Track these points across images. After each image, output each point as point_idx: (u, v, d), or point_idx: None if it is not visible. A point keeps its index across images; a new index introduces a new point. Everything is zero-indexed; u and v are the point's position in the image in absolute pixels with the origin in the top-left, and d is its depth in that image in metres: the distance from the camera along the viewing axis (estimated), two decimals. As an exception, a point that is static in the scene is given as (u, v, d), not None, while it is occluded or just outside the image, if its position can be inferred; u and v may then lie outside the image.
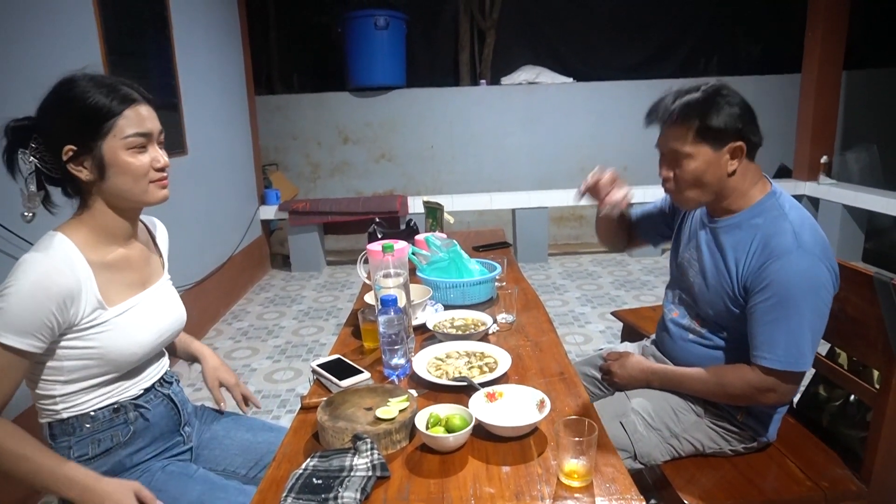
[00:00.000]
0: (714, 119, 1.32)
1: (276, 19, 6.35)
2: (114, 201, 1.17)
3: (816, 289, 1.27)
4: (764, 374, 1.30)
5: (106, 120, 1.10)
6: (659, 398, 1.50)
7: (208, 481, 1.24)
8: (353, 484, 1.01)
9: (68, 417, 1.18)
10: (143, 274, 1.27)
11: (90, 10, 2.75)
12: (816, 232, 1.31)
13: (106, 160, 1.12)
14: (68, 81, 1.12)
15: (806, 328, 1.27)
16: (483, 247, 2.70)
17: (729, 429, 1.45)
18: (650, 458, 1.44)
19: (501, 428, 1.14)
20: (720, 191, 1.39)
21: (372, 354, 1.59)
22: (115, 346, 1.17)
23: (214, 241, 4.15)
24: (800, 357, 1.27)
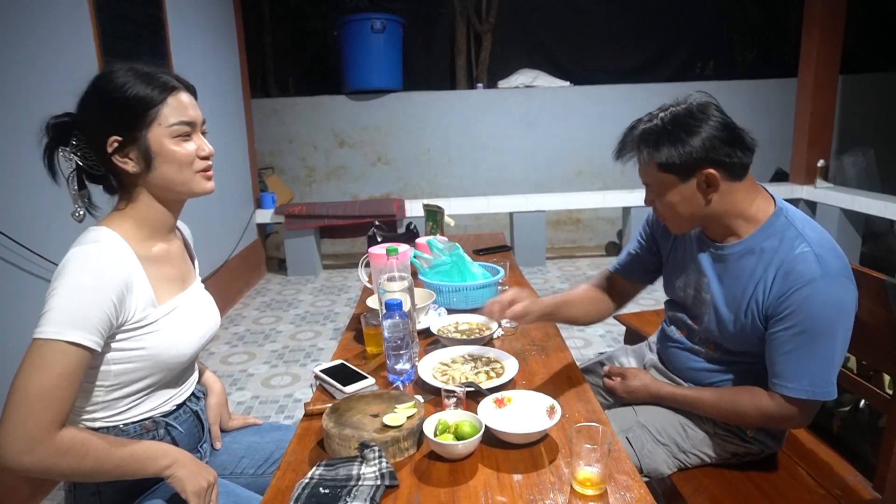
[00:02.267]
0: (669, 152, 1.23)
1: (271, 22, 6.32)
2: (160, 193, 1.14)
3: (844, 314, 1.19)
4: (786, 403, 1.23)
5: (149, 108, 1.08)
6: (666, 413, 1.44)
7: (231, 493, 1.20)
8: (361, 493, 0.98)
9: (99, 428, 1.11)
10: (182, 271, 1.24)
11: (86, 13, 2.72)
12: (837, 252, 1.22)
13: (152, 149, 1.09)
14: (107, 74, 1.10)
15: (835, 357, 1.20)
16: (484, 250, 2.68)
17: (738, 444, 1.42)
18: (657, 472, 1.40)
19: (512, 435, 1.12)
20: (711, 216, 1.30)
21: (375, 359, 1.56)
22: (163, 347, 1.12)
23: (210, 244, 4.11)
24: (826, 386, 1.20)
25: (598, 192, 5.46)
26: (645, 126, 1.28)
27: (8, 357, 2.01)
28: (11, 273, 2.12)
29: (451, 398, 1.23)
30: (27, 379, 0.95)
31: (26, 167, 2.17)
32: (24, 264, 2.17)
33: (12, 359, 1.21)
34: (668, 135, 1.23)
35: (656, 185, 1.30)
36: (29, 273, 2.18)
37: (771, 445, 1.42)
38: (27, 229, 2.17)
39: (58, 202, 2.17)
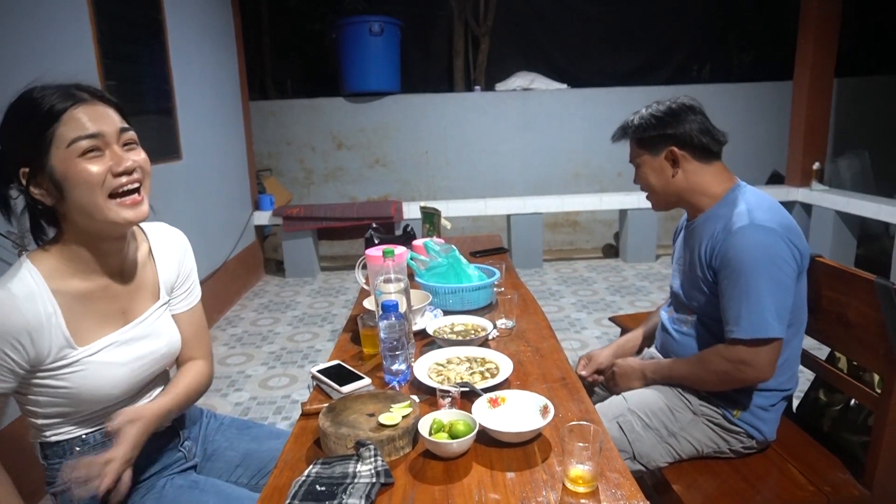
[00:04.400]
0: (646, 131, 1.53)
1: (270, 25, 6.35)
2: (85, 223, 1.04)
3: (772, 259, 1.34)
4: (735, 348, 1.36)
5: (45, 130, 0.96)
6: (655, 398, 1.52)
7: (221, 493, 1.21)
8: (357, 491, 0.99)
9: (58, 441, 1.12)
10: (124, 304, 1.15)
11: (85, 15, 2.74)
12: (774, 211, 1.42)
13: (56, 174, 0.98)
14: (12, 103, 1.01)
15: (765, 297, 1.33)
16: (480, 252, 2.69)
17: (726, 427, 1.47)
18: (649, 458, 1.45)
19: (506, 434, 1.13)
20: (679, 191, 1.55)
21: (372, 360, 1.58)
22: (87, 386, 1.08)
23: (208, 246, 4.12)
24: (762, 325, 1.33)
25: (594, 195, 5.49)
26: (638, 114, 1.58)
27: None
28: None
29: (446, 398, 1.25)
30: None
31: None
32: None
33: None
34: (647, 119, 1.54)
35: (637, 160, 1.59)
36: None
37: (757, 431, 1.46)
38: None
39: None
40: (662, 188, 1.57)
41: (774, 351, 1.35)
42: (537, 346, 1.64)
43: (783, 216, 1.42)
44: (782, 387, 1.47)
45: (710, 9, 6.44)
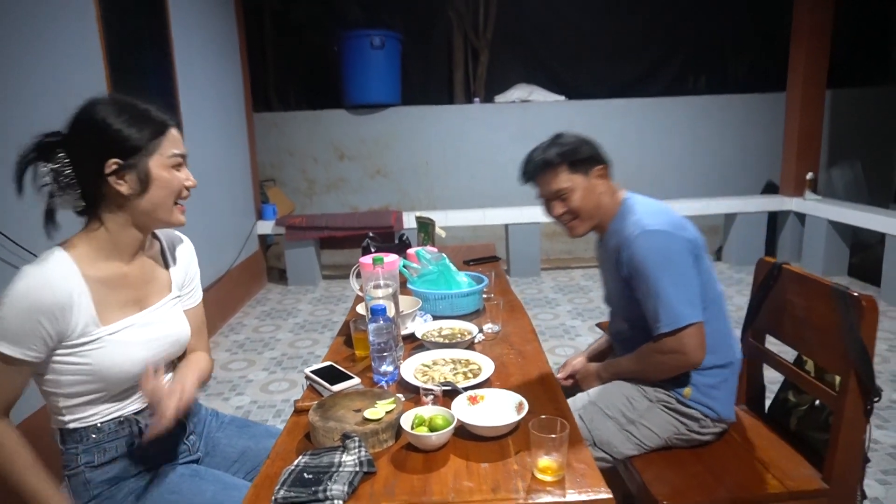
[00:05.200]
0: (576, 156, 1.63)
1: (273, 38, 6.48)
2: (140, 217, 1.23)
3: (668, 257, 1.49)
4: (661, 341, 1.50)
5: (153, 139, 1.19)
6: (613, 389, 1.65)
7: (220, 481, 1.30)
8: (341, 478, 1.08)
9: (76, 428, 1.23)
10: (141, 293, 1.30)
11: (95, 31, 2.86)
12: (660, 214, 1.56)
13: (151, 174, 1.20)
14: (105, 103, 1.19)
15: (672, 292, 1.47)
16: (474, 260, 2.78)
17: (681, 410, 1.58)
18: (610, 445, 1.57)
19: (481, 428, 1.22)
20: (597, 209, 1.65)
21: (363, 362, 1.66)
22: (107, 363, 1.20)
23: (212, 255, 4.22)
24: (676, 316, 1.47)
25: (592, 204, 5.56)
26: (546, 151, 1.66)
27: None
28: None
29: (428, 396, 1.34)
30: None
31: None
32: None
33: None
34: (570, 144, 1.64)
35: (567, 186, 1.64)
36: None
37: (711, 410, 1.56)
38: (38, 240, 2.29)
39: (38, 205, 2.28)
40: (593, 208, 1.65)
41: (697, 334, 1.48)
42: (521, 349, 1.72)
43: (669, 215, 1.57)
44: (721, 362, 1.58)
45: (705, 21, 6.55)
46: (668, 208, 1.61)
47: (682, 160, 6.23)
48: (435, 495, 1.07)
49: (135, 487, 1.26)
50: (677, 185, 6.16)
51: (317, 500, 1.04)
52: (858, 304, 1.33)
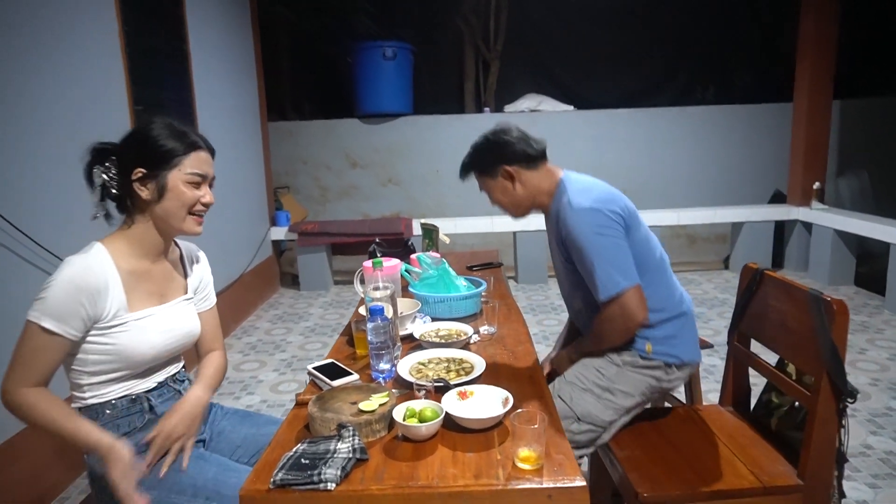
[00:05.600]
0: (479, 164, 1.85)
1: (288, 50, 6.65)
2: (158, 222, 1.39)
3: (596, 230, 1.62)
4: (606, 309, 1.64)
5: (175, 156, 1.36)
6: (583, 364, 1.78)
7: (222, 464, 1.42)
8: (335, 463, 1.17)
9: (93, 404, 1.37)
10: (162, 288, 1.47)
11: (117, 47, 3.00)
12: (588, 191, 1.70)
13: (168, 186, 1.36)
14: (151, 123, 1.38)
15: (604, 262, 1.61)
16: (476, 266, 2.87)
17: (647, 365, 1.72)
18: (592, 416, 1.68)
19: (467, 420, 1.30)
20: (527, 198, 1.81)
21: (363, 360, 1.75)
22: (130, 345, 1.36)
23: (227, 259, 4.35)
24: (611, 283, 1.60)
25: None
26: (467, 156, 1.90)
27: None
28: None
29: (421, 391, 1.43)
30: (17, 345, 1.27)
31: (55, 180, 2.43)
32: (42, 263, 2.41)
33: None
34: (475, 156, 1.87)
35: (486, 188, 1.88)
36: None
37: (677, 356, 1.72)
38: (48, 233, 2.42)
39: (74, 213, 2.42)
40: (510, 201, 1.84)
41: (636, 296, 1.61)
42: (513, 349, 1.81)
43: (598, 191, 1.71)
44: (671, 315, 1.73)
45: (713, 32, 6.61)
46: (598, 183, 1.77)
47: (689, 170, 6.28)
48: (421, 480, 1.15)
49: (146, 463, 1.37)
50: (685, 194, 6.21)
51: (312, 482, 1.13)
52: (830, 308, 1.40)
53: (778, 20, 6.14)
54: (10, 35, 2.26)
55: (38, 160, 2.39)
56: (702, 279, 5.44)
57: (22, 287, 2.26)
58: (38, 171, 2.39)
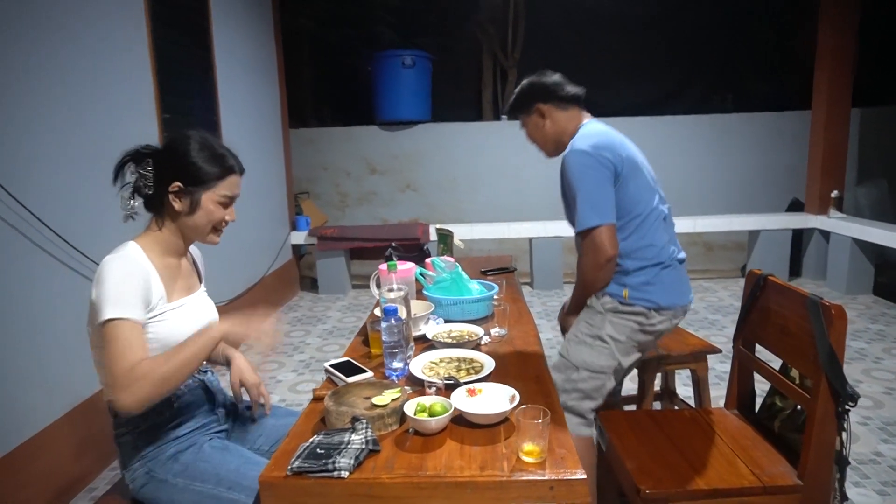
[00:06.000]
0: (518, 102, 2.06)
1: (310, 59, 6.80)
2: (184, 230, 1.50)
3: (583, 171, 1.82)
4: (582, 242, 1.84)
5: (213, 179, 1.46)
6: (577, 321, 1.99)
7: (244, 456, 1.50)
8: (349, 453, 1.24)
9: None
10: (188, 282, 1.58)
11: (147, 58, 3.13)
12: (592, 137, 1.87)
13: (200, 203, 1.47)
14: (197, 138, 1.47)
15: (584, 199, 1.80)
16: (489, 271, 2.93)
17: (628, 311, 1.89)
18: (588, 364, 1.90)
19: (474, 415, 1.37)
20: (554, 137, 2.02)
21: (377, 359, 1.82)
22: (167, 335, 1.42)
23: (247, 263, 4.47)
24: (585, 218, 1.79)
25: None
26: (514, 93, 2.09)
27: (55, 333, 2.36)
28: (73, 277, 2.48)
29: (431, 388, 1.50)
30: (108, 349, 1.31)
31: (88, 184, 2.55)
32: (87, 272, 2.53)
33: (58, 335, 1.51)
34: (518, 93, 2.06)
35: (523, 125, 2.10)
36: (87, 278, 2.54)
37: (653, 300, 1.87)
38: (82, 236, 2.54)
39: (106, 216, 2.53)
40: (541, 137, 2.05)
41: (606, 233, 1.79)
42: (522, 350, 1.87)
43: (599, 139, 1.86)
44: (649, 263, 1.88)
45: (730, 40, 6.62)
46: (607, 133, 1.91)
47: (706, 177, 6.29)
48: (429, 471, 1.22)
49: (173, 452, 1.46)
50: (701, 201, 6.21)
51: (326, 470, 1.20)
52: (828, 313, 1.44)
53: (796, 28, 6.13)
54: (51, 50, 2.39)
55: (74, 166, 2.52)
56: (717, 287, 5.43)
57: (55, 283, 2.38)
58: (74, 176, 2.51)
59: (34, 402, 2.28)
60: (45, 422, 2.31)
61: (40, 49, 2.36)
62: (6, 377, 2.14)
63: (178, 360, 1.35)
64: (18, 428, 2.20)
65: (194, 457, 1.46)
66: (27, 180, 2.26)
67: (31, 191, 2.26)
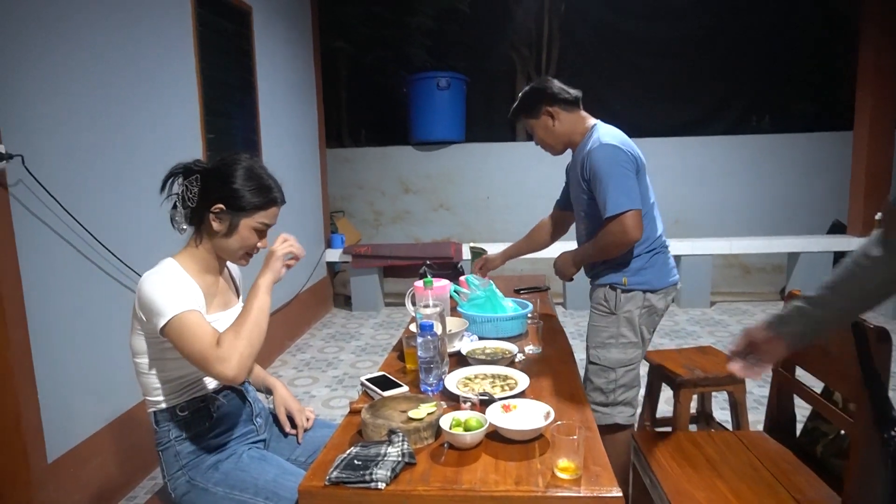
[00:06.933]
0: (526, 107, 2.18)
1: (347, 80, 6.96)
2: (217, 250, 1.56)
3: (615, 160, 1.98)
4: (610, 223, 1.98)
5: (256, 208, 1.52)
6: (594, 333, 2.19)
7: (281, 466, 1.53)
8: (385, 465, 1.26)
9: (167, 407, 1.50)
10: (224, 298, 1.63)
11: (194, 81, 3.26)
12: (614, 135, 2.05)
13: (239, 228, 1.52)
14: (238, 163, 1.53)
15: (615, 186, 1.95)
16: (523, 289, 2.93)
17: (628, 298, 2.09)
18: (620, 360, 2.10)
19: (509, 431, 1.38)
20: (564, 137, 2.17)
21: (412, 374, 1.85)
22: None
23: (284, 279, 4.52)
24: (618, 203, 1.95)
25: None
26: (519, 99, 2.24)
27: (105, 342, 2.45)
28: (123, 293, 2.58)
29: (466, 403, 1.51)
30: (184, 347, 1.37)
31: (141, 203, 2.65)
32: (122, 279, 2.63)
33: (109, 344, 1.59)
34: (524, 99, 2.21)
35: (531, 127, 2.22)
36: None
37: (648, 283, 2.09)
38: (139, 260, 2.63)
39: (155, 233, 2.63)
40: (551, 137, 2.18)
41: (635, 216, 1.95)
42: (557, 368, 1.87)
43: (623, 138, 2.07)
44: (647, 249, 2.09)
45: (768, 61, 6.55)
46: (624, 136, 2.10)
47: (743, 199, 6.19)
48: (465, 484, 1.23)
49: (213, 461, 1.51)
50: (738, 223, 6.11)
51: (363, 481, 1.22)
52: (872, 335, 1.42)
53: (834, 48, 6.04)
54: (111, 77, 2.51)
55: (126, 184, 2.63)
56: (755, 310, 5.32)
57: (103, 296, 2.47)
58: (126, 195, 2.62)
59: (82, 410, 2.36)
60: (91, 430, 2.39)
61: (107, 82, 2.50)
62: (59, 385, 2.23)
63: (251, 320, 1.42)
64: (67, 435, 2.28)
65: (233, 465, 1.49)
66: (84, 199, 2.37)
67: (86, 210, 2.37)
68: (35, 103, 2.14)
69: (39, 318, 2.13)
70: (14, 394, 2.02)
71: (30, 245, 2.11)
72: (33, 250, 2.13)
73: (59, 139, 2.25)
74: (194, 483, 1.48)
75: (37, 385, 2.12)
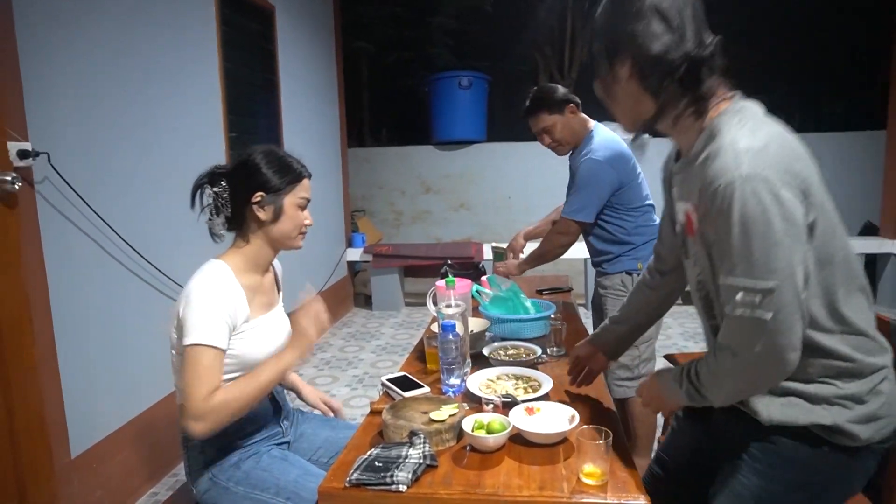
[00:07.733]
0: (550, 103, 2.28)
1: (368, 80, 6.96)
2: (272, 240, 1.54)
3: (590, 178, 2.23)
4: (559, 223, 2.34)
5: (294, 182, 1.54)
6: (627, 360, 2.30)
7: (303, 467, 1.52)
8: (406, 467, 1.24)
9: None
10: (270, 298, 1.63)
11: (217, 80, 3.28)
12: (608, 149, 2.22)
13: (284, 208, 1.52)
14: (255, 153, 1.53)
15: (581, 195, 2.25)
16: (545, 290, 2.90)
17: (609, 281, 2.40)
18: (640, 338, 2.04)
19: (533, 434, 1.34)
20: (578, 133, 2.31)
21: (433, 374, 1.82)
22: (248, 351, 1.48)
23: (304, 278, 4.54)
24: (573, 211, 2.27)
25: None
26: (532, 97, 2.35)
27: (145, 352, 2.46)
28: (146, 289, 2.59)
29: (489, 405, 1.48)
30: (188, 371, 1.34)
31: (166, 202, 2.67)
32: (158, 285, 2.64)
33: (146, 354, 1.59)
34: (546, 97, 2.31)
35: (550, 125, 2.32)
36: (159, 291, 2.65)
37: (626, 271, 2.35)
38: (162, 257, 2.65)
39: (182, 233, 2.64)
40: (570, 134, 2.31)
41: (578, 227, 2.30)
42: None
43: (614, 151, 2.23)
44: (651, 237, 2.29)
45: (798, 59, 6.41)
46: (617, 142, 2.26)
47: (772, 199, 6.06)
48: (487, 488, 1.20)
49: (237, 460, 1.50)
50: (767, 224, 5.98)
51: (384, 483, 1.20)
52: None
53: (867, 47, 5.89)
54: (134, 74, 2.53)
55: (152, 184, 2.65)
56: (784, 313, 5.20)
57: (128, 295, 2.49)
58: (151, 194, 2.64)
59: (105, 406, 2.38)
60: (114, 426, 2.41)
61: (131, 79, 2.52)
62: (83, 381, 2.24)
63: (250, 391, 1.38)
64: (90, 431, 2.30)
65: (255, 465, 1.48)
66: (107, 197, 2.39)
67: (110, 207, 2.39)
68: (60, 101, 2.16)
69: (64, 315, 2.15)
70: (39, 389, 2.04)
71: (55, 242, 2.13)
72: (58, 247, 2.14)
73: (83, 137, 2.27)
74: (216, 481, 1.48)
75: (61, 381, 2.13)
